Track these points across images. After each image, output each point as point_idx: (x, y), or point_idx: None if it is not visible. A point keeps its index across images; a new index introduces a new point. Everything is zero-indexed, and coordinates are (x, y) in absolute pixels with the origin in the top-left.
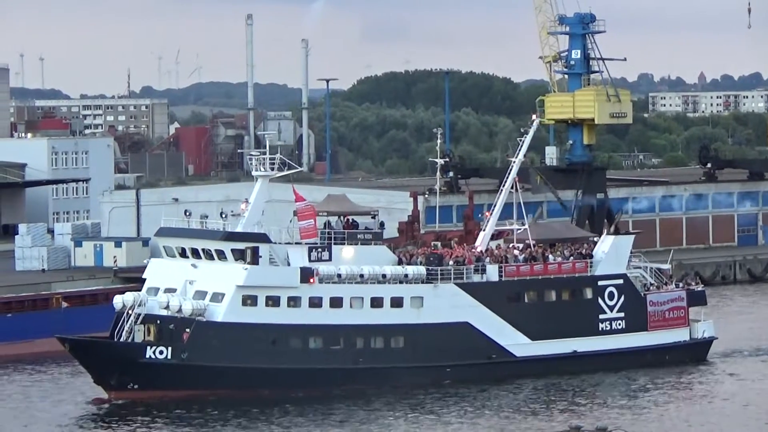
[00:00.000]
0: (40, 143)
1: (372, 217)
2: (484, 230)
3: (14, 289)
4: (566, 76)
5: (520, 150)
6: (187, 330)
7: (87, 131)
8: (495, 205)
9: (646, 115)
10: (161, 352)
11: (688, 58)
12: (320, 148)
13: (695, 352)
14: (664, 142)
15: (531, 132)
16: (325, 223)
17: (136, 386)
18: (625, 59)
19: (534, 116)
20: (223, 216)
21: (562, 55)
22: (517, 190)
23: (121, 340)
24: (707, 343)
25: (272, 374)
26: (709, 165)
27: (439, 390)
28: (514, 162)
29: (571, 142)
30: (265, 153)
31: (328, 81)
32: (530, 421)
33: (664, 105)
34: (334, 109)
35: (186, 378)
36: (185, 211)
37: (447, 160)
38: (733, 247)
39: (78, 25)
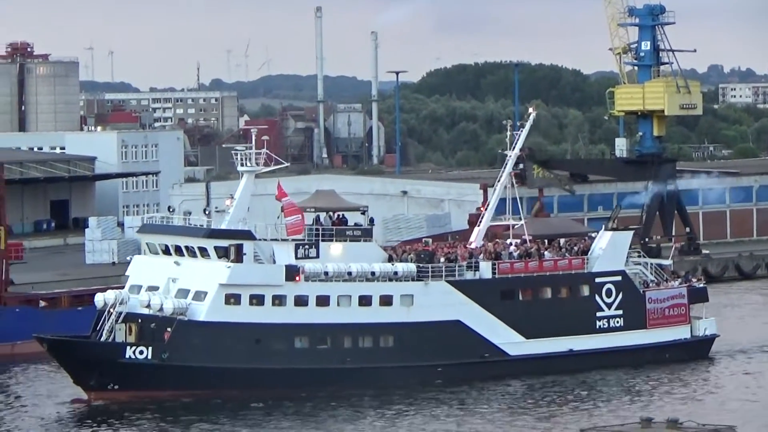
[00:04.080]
0: (109, 136)
1: (361, 213)
2: (478, 226)
3: (85, 282)
4: (636, 67)
5: (516, 143)
6: (169, 329)
7: (156, 124)
8: (490, 200)
9: (716, 106)
10: (141, 352)
11: (759, 49)
12: (390, 141)
13: (696, 350)
14: (734, 134)
15: (528, 125)
16: (313, 219)
17: (116, 387)
18: (695, 50)
19: (531, 109)
20: (207, 212)
21: (631, 46)
22: (513, 185)
23: (102, 339)
24: (709, 340)
25: (256, 375)
26: None
27: (430, 390)
28: (510, 156)
29: (641, 133)
30: (251, 148)
31: (397, 73)
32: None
33: (734, 96)
34: (404, 101)
35: (167, 378)
36: (168, 207)
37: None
38: None
39: (147, 18)
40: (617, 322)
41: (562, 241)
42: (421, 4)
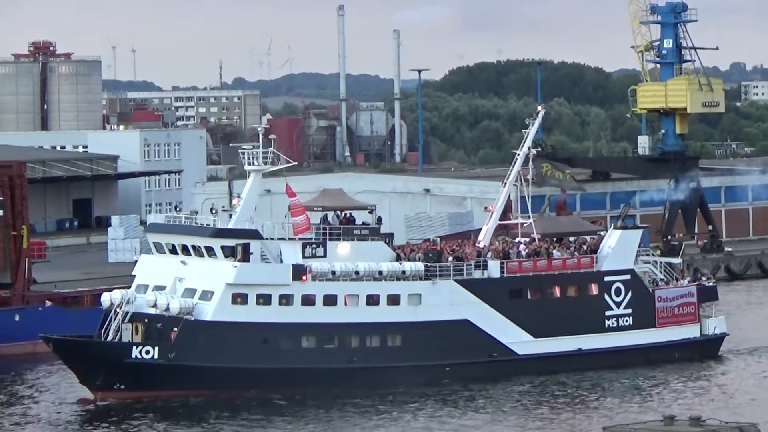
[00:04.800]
0: (132, 135)
1: (369, 212)
2: (487, 225)
3: (107, 281)
4: (658, 65)
5: (525, 141)
6: (175, 329)
7: (179, 123)
8: (498, 199)
9: (738, 104)
10: (148, 352)
11: None
12: (412, 139)
13: (706, 349)
14: (756, 131)
15: (537, 123)
16: (321, 219)
17: (122, 387)
18: (717, 48)
19: (539, 107)
20: (213, 212)
21: (654, 44)
22: (522, 183)
23: (108, 339)
24: (718, 339)
25: (263, 374)
26: None
27: (439, 390)
28: (519, 154)
29: (663, 131)
30: (258, 146)
31: (420, 71)
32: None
33: (757, 94)
34: (426, 99)
35: (173, 378)
36: (175, 207)
37: (539, 149)
38: None
39: (169, 16)
40: (626, 321)
41: (571, 239)
42: (443, 1)
